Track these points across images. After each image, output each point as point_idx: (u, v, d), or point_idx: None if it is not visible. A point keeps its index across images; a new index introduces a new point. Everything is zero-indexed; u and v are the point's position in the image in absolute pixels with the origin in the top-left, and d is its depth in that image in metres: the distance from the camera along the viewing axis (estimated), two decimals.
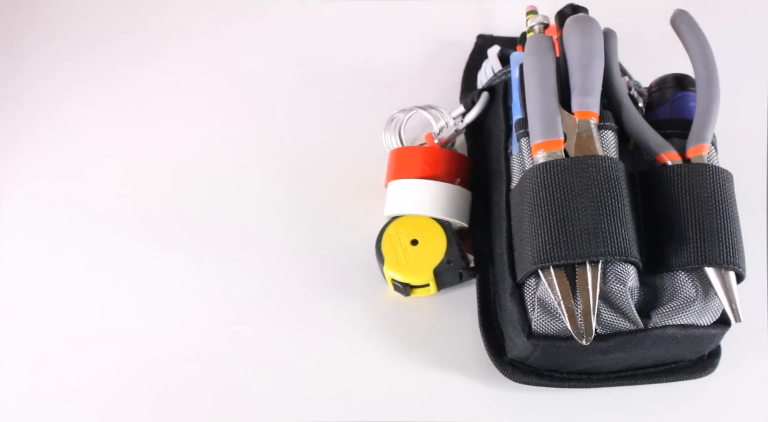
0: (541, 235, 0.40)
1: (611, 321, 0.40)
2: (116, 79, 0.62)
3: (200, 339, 0.49)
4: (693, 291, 0.41)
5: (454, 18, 0.65)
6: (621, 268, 0.40)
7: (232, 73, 0.62)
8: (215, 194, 0.55)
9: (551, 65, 0.45)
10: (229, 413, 0.46)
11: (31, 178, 0.57)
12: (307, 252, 0.52)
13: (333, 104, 0.60)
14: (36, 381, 0.48)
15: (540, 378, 0.45)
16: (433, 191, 0.49)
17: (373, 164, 0.55)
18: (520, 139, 0.45)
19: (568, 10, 0.49)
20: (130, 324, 0.50)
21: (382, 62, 0.62)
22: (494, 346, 0.46)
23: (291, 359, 0.48)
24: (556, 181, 0.41)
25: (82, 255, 0.53)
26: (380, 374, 0.47)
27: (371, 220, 0.51)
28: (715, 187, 0.42)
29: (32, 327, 0.50)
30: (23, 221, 0.55)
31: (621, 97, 0.46)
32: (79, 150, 0.58)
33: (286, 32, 0.65)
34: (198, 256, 0.52)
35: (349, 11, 0.66)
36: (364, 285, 0.50)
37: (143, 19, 0.66)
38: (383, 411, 0.46)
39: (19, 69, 0.63)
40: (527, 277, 0.42)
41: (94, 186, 0.56)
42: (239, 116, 0.60)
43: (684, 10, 0.47)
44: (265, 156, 0.57)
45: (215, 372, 0.47)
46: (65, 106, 0.61)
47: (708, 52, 0.46)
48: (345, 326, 0.49)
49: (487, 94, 0.53)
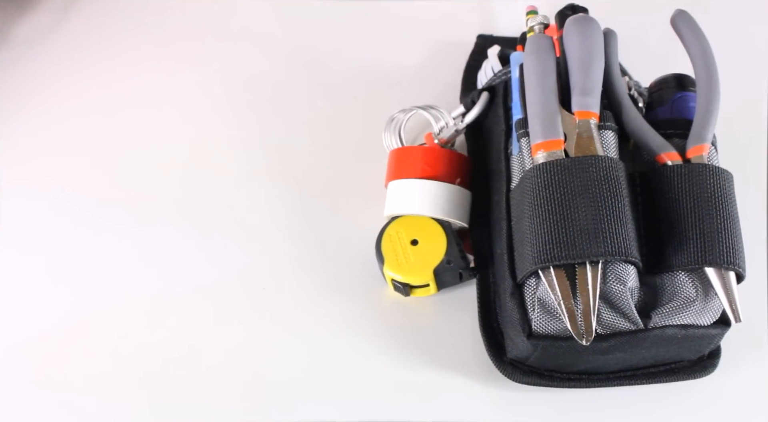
0: (541, 235, 0.40)
1: (611, 321, 0.40)
2: (116, 79, 0.62)
3: (200, 339, 0.49)
4: (693, 292, 0.41)
5: (454, 18, 0.65)
6: (621, 268, 0.40)
7: (232, 73, 0.62)
8: (215, 194, 0.55)
9: (551, 65, 0.45)
10: (229, 413, 0.46)
11: (27, 176, 0.57)
12: (307, 253, 0.52)
13: (333, 104, 0.60)
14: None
15: (540, 378, 0.45)
16: (433, 191, 0.49)
17: (373, 164, 0.55)
18: (520, 139, 0.45)
19: (568, 10, 0.49)
20: (130, 325, 0.50)
21: (382, 62, 0.62)
22: (494, 346, 0.46)
23: (291, 359, 0.48)
24: (556, 181, 0.41)
25: (81, 256, 0.53)
26: (380, 374, 0.47)
27: (371, 220, 0.51)
28: (715, 187, 0.42)
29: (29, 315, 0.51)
30: (22, 216, 0.55)
31: (621, 97, 0.46)
32: (80, 150, 0.58)
33: (287, 32, 0.65)
34: (198, 256, 0.52)
35: (349, 11, 0.66)
36: (364, 285, 0.50)
37: (144, 18, 0.66)
38: (383, 411, 0.46)
39: (21, 65, 0.64)
40: (527, 277, 0.42)
41: (92, 187, 0.56)
42: (239, 116, 0.60)
43: (684, 10, 0.47)
44: (265, 156, 0.57)
45: (215, 372, 0.47)
46: (64, 107, 0.61)
47: (708, 52, 0.46)
48: (345, 326, 0.49)
49: (487, 94, 0.53)
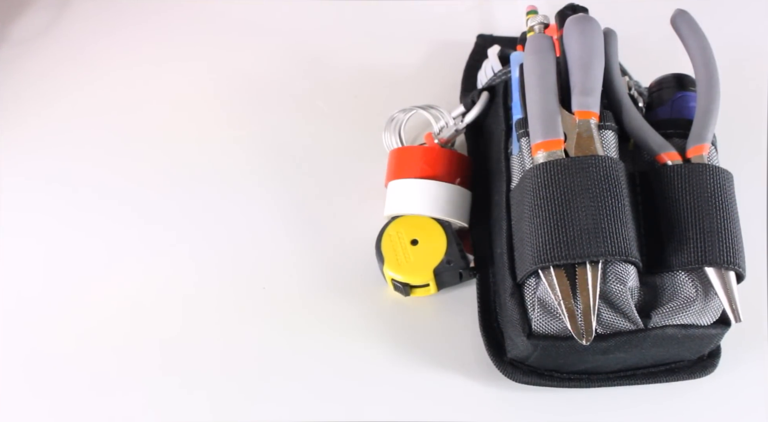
0: (541, 235, 0.40)
1: (611, 321, 0.40)
2: (116, 79, 0.62)
3: (200, 339, 0.49)
4: (693, 291, 0.41)
5: (454, 18, 0.65)
6: (621, 268, 0.40)
7: (232, 72, 0.62)
8: (215, 194, 0.55)
9: (551, 65, 0.45)
10: (229, 413, 0.46)
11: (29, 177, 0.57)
12: (307, 252, 0.52)
13: (333, 104, 0.60)
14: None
15: (540, 378, 0.45)
16: (433, 191, 0.49)
17: (373, 164, 0.55)
18: (520, 138, 0.45)
19: (568, 10, 0.49)
20: (130, 326, 0.50)
21: (382, 62, 0.62)
22: (494, 346, 0.46)
23: (291, 359, 0.48)
24: (556, 181, 0.41)
25: (81, 256, 0.53)
26: (380, 374, 0.47)
27: (371, 220, 0.51)
28: (715, 187, 0.42)
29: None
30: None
31: (621, 97, 0.46)
32: (81, 152, 0.58)
33: (287, 32, 0.65)
34: (198, 256, 0.52)
35: (349, 11, 0.66)
36: (364, 285, 0.50)
37: (145, 18, 0.66)
38: (383, 411, 0.46)
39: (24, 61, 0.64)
40: (527, 277, 0.42)
41: (92, 187, 0.56)
42: (239, 116, 0.60)
43: (684, 10, 0.47)
44: (265, 156, 0.57)
45: (215, 373, 0.47)
46: (65, 105, 0.61)
47: (708, 52, 0.46)
48: (345, 326, 0.49)
49: (487, 94, 0.53)
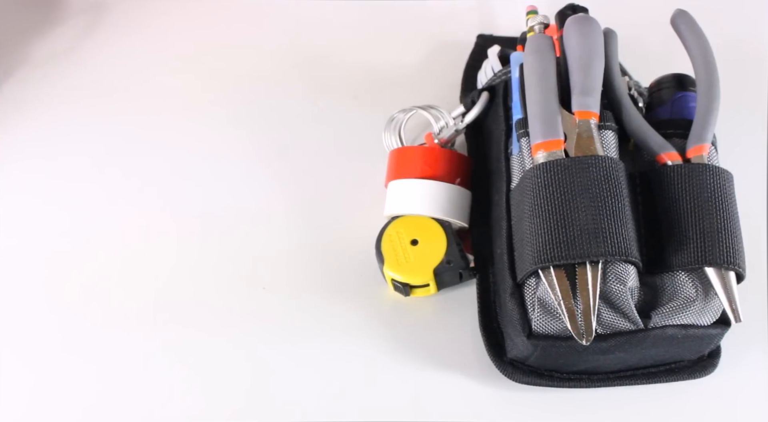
0: (541, 235, 0.40)
1: (611, 321, 0.40)
2: (116, 78, 0.62)
3: (200, 339, 0.49)
4: (693, 291, 0.41)
5: (454, 18, 0.65)
6: (621, 268, 0.40)
7: (232, 72, 0.62)
8: (215, 193, 0.55)
9: (551, 65, 0.45)
10: (229, 413, 0.46)
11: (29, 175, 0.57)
12: (307, 252, 0.52)
13: (333, 104, 0.60)
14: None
15: (540, 378, 0.45)
16: (433, 191, 0.49)
17: (373, 164, 0.55)
18: (520, 138, 0.45)
19: (568, 10, 0.49)
20: (129, 328, 0.50)
21: (382, 62, 0.62)
22: (494, 346, 0.46)
23: (291, 359, 0.48)
24: (557, 181, 0.41)
25: (80, 256, 0.53)
26: (380, 374, 0.47)
27: (371, 220, 0.51)
28: (715, 187, 0.42)
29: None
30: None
31: (621, 97, 0.46)
32: (81, 150, 0.58)
33: (287, 32, 0.65)
34: (198, 256, 0.52)
35: (349, 11, 0.66)
36: (364, 285, 0.50)
37: (146, 18, 0.66)
38: (383, 411, 0.46)
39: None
40: (527, 277, 0.42)
41: (93, 190, 0.56)
42: (239, 116, 0.60)
43: (684, 10, 0.47)
44: (265, 156, 0.57)
45: (215, 373, 0.47)
46: (65, 107, 0.61)
47: (708, 52, 0.46)
48: (345, 326, 0.49)
49: (487, 94, 0.53)
